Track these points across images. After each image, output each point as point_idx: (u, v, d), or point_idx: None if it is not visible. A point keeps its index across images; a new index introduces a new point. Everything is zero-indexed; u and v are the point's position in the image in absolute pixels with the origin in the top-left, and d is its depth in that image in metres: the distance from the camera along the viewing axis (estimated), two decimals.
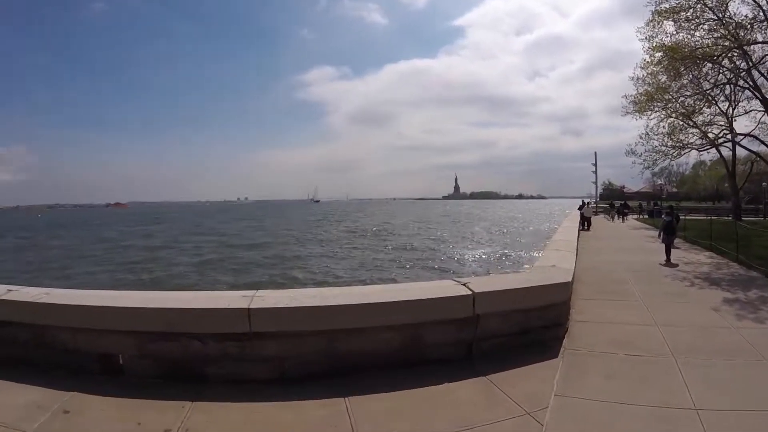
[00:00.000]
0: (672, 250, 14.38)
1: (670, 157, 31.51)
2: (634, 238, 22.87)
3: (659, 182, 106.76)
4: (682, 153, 31.61)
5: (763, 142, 27.58)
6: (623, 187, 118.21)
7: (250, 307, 4.56)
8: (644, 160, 31.60)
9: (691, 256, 15.10)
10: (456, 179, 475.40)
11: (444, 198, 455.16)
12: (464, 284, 5.41)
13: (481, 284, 5.59)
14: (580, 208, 31.73)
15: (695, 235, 19.75)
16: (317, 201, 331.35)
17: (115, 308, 4.68)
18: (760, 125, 28.47)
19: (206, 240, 46.75)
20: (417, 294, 5.16)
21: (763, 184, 45.30)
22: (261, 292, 5.02)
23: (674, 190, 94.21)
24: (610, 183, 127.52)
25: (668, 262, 13.56)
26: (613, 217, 41.15)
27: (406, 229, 58.12)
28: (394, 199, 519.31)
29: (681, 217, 20.01)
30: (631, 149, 31.97)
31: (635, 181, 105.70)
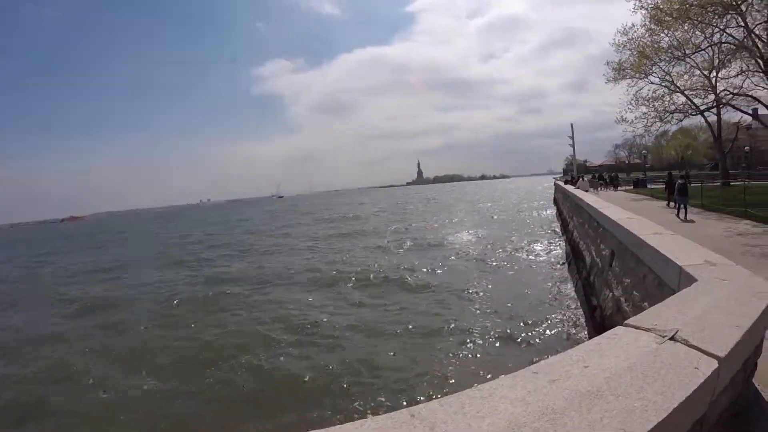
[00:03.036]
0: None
1: (666, 120, 31.61)
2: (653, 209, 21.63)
3: (622, 154, 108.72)
4: (673, 119, 31.60)
5: (757, 99, 27.14)
6: (586, 161, 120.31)
7: None
8: (644, 124, 31.88)
9: (739, 227, 14.03)
10: (419, 164, 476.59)
11: (408, 184, 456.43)
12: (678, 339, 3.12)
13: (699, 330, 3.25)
14: (571, 183, 31.36)
15: (712, 204, 19.76)
16: (281, 197, 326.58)
17: None
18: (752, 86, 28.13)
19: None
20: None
21: (746, 148, 45.67)
22: None
23: (637, 161, 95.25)
24: (571, 158, 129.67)
25: (685, 219, 16.58)
26: (598, 188, 40.68)
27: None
28: (359, 189, 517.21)
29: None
30: (622, 117, 32.48)
31: (597, 155, 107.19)
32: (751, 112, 31.41)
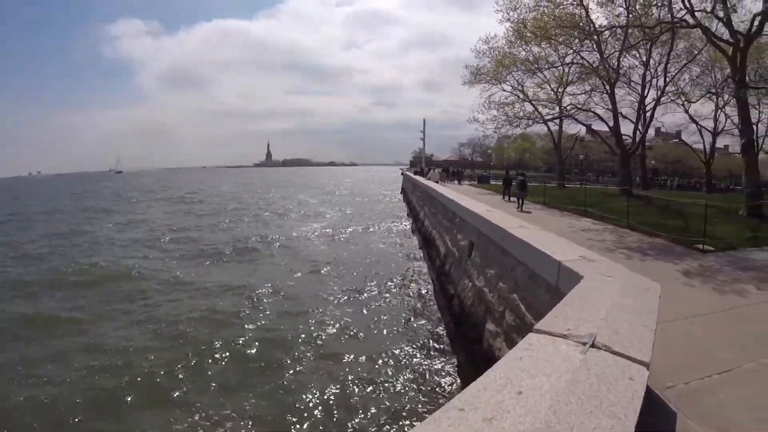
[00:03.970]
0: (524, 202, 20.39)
1: (515, 124, 34.07)
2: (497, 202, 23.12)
3: (467, 151, 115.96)
4: (521, 124, 34.14)
5: (598, 115, 31.13)
6: (432, 155, 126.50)
7: None
8: (495, 126, 34.03)
9: (581, 224, 15.36)
10: (268, 146, 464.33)
11: (256, 165, 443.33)
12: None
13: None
14: (421, 174, 33.12)
15: (553, 201, 21.76)
16: (119, 172, 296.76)
17: None
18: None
19: None
20: None
21: (581, 156, 51.26)
22: None
23: (479, 159, 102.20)
24: (420, 151, 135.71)
25: (521, 210, 19.04)
26: (444, 181, 42.70)
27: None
28: (205, 167, 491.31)
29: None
30: (474, 117, 34.40)
31: (442, 150, 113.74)
32: (587, 125, 35.03)
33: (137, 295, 15.15)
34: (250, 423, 7.74)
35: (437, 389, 8.69)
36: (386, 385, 9.03)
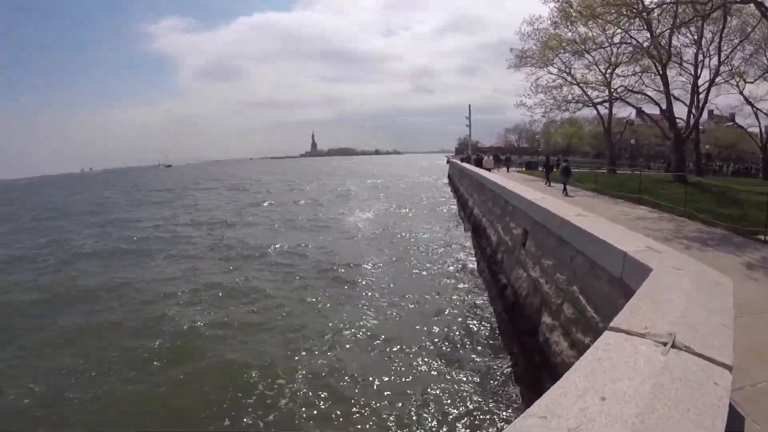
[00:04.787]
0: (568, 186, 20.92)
1: (564, 108, 33.63)
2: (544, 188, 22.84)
3: (513, 137, 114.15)
4: (570, 108, 33.47)
5: (650, 97, 29.67)
6: (477, 142, 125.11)
7: None
8: (543, 110, 33.85)
9: (635, 212, 14.84)
10: (313, 136, 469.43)
11: (302, 156, 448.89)
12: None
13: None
14: (467, 161, 33.29)
15: (604, 187, 21.09)
16: (169, 166, 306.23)
17: None
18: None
19: None
20: None
21: (632, 141, 49.51)
22: None
23: (526, 145, 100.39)
24: (465, 138, 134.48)
25: (566, 194, 19.46)
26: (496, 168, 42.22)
27: None
28: (251, 159, 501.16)
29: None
30: (521, 102, 34.04)
31: (486, 136, 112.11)
32: (638, 107, 33.69)
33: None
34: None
35: (491, 382, 8.57)
36: (437, 376, 9.00)
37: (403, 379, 8.95)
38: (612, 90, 32.38)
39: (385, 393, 8.48)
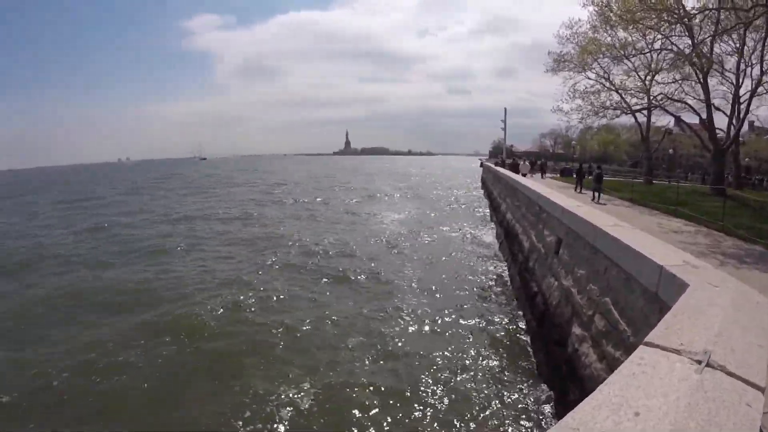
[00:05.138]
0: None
1: (601, 115, 32.64)
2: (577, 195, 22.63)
3: (548, 142, 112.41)
4: (607, 114, 32.72)
5: (689, 105, 28.79)
6: (512, 146, 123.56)
7: None
8: (580, 116, 32.89)
9: (671, 224, 14.48)
10: (347, 134, 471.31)
11: (335, 153, 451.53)
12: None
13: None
14: (501, 165, 32.96)
15: (641, 198, 20.63)
16: (204, 159, 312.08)
17: None
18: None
19: None
20: None
21: (670, 150, 48.23)
22: None
23: (561, 150, 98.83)
24: (500, 141, 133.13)
25: (597, 202, 19.43)
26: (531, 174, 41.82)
27: None
28: (285, 155, 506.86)
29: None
30: (558, 107, 33.31)
31: (521, 140, 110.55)
32: (677, 116, 32.81)
33: None
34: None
35: (515, 390, 8.56)
36: (462, 380, 9.03)
37: (418, 385, 9.03)
38: (651, 97, 31.40)
39: (397, 394, 8.65)
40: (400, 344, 10.86)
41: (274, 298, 14.20)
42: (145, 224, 29.04)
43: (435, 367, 9.61)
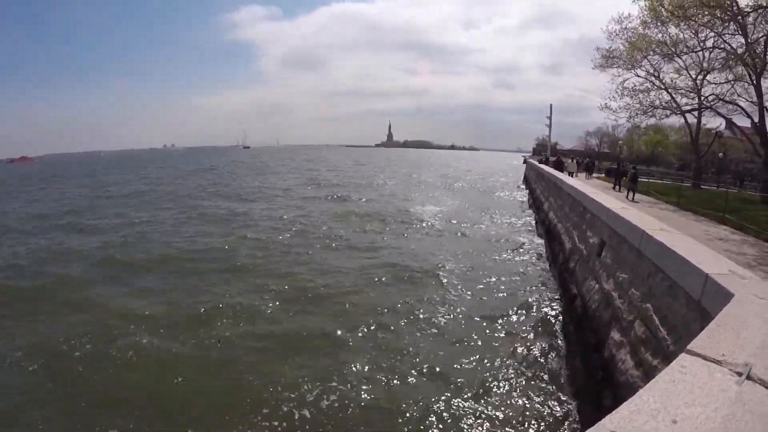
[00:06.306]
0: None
1: (650, 114, 31.81)
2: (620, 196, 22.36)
3: (594, 141, 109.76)
4: (656, 114, 31.82)
5: (741, 108, 27.58)
6: (556, 143, 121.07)
7: None
8: (628, 114, 32.04)
9: (717, 232, 14.05)
10: (390, 126, 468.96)
11: (377, 145, 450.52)
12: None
13: None
14: (545, 163, 32.78)
15: (688, 202, 19.97)
16: (247, 147, 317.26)
17: None
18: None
19: None
20: None
21: (720, 154, 46.30)
22: None
23: (606, 150, 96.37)
24: (544, 138, 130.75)
25: (632, 200, 19.89)
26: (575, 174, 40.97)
27: None
28: (328, 145, 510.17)
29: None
30: (606, 105, 32.29)
31: (566, 138, 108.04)
32: (728, 118, 31.56)
33: None
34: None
35: (547, 392, 8.54)
36: (497, 377, 9.08)
37: (460, 374, 9.19)
38: (702, 98, 30.13)
39: (434, 386, 8.84)
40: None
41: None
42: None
43: (471, 359, 9.80)
